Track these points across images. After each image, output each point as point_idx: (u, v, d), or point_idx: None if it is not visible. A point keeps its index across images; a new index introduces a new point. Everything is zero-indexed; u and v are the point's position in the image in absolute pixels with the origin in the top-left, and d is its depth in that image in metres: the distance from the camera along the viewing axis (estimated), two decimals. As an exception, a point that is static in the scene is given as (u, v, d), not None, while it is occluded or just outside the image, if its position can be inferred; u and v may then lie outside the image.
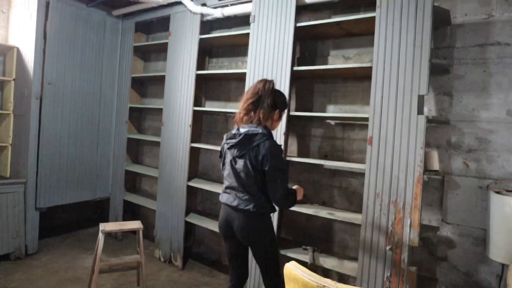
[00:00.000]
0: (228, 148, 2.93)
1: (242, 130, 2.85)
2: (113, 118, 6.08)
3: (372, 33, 3.46)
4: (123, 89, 6.00)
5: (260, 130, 2.82)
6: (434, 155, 3.30)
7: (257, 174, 2.81)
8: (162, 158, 5.27)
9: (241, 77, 4.49)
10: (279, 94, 3.01)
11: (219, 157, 3.14)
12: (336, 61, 4.20)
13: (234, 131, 2.92)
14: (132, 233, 5.90)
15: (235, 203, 2.87)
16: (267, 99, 2.86)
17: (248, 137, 2.80)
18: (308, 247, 3.95)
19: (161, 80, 5.54)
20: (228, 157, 2.93)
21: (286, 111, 3.30)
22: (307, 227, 4.31)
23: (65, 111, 5.37)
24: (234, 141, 2.86)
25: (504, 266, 2.98)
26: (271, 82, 2.93)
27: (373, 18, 3.44)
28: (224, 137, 3.03)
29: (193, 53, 4.91)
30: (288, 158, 4.00)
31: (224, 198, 3.00)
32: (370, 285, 3.24)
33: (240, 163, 2.84)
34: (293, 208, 3.41)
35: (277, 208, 3.05)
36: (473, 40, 3.42)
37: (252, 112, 2.87)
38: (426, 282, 3.41)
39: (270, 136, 2.85)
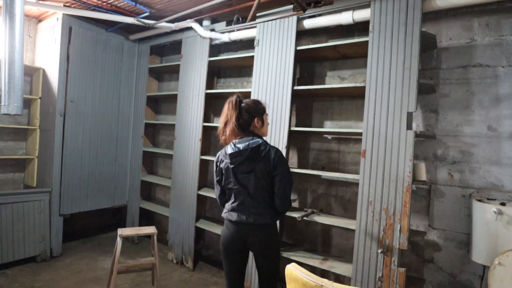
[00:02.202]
0: (235, 167, 2.71)
1: (241, 145, 2.68)
2: (130, 133, 6.13)
3: (365, 56, 3.52)
4: (139, 107, 6.05)
5: (259, 140, 2.71)
6: (422, 166, 3.34)
7: (268, 184, 2.70)
8: (175, 169, 5.31)
9: (247, 96, 4.49)
10: (251, 102, 2.85)
11: (216, 177, 2.89)
12: (333, 81, 4.26)
13: (231, 149, 2.71)
14: (147, 238, 5.96)
15: (251, 219, 2.69)
16: (244, 112, 2.76)
17: (255, 150, 2.65)
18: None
19: (173, 98, 5.61)
20: (234, 175, 2.74)
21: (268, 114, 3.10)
22: (306, 231, 4.34)
23: (86, 126, 5.42)
24: (241, 158, 2.67)
25: (485, 268, 3.02)
26: (235, 96, 2.78)
27: (366, 42, 3.50)
28: (221, 157, 2.83)
29: (203, 74, 4.97)
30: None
31: (234, 216, 2.75)
32: (364, 285, 3.27)
33: (251, 178, 2.69)
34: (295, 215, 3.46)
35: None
36: (457, 62, 3.47)
37: (237, 127, 2.72)
38: (414, 282, 3.42)
39: (267, 143, 2.77)
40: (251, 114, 2.80)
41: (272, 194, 2.76)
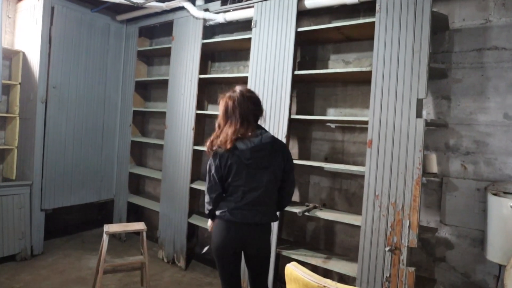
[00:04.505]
0: (251, 163, 2.64)
1: (255, 139, 2.64)
2: (117, 121, 6.08)
3: (372, 38, 3.47)
4: (127, 93, 6.00)
5: (269, 133, 2.72)
6: (433, 157, 3.32)
7: (279, 180, 2.76)
8: (165, 160, 5.28)
9: (243, 81, 4.45)
10: (250, 92, 2.87)
11: (218, 174, 2.74)
12: (336, 65, 4.21)
13: (244, 145, 2.62)
14: (136, 234, 5.89)
15: (257, 219, 2.67)
16: (255, 107, 2.78)
17: (271, 144, 2.67)
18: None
19: (164, 84, 5.55)
20: (246, 172, 2.66)
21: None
22: (308, 228, 4.32)
23: (69, 114, 5.37)
24: (262, 153, 2.63)
25: (501, 267, 2.99)
26: (239, 89, 2.81)
27: (373, 23, 3.45)
28: (228, 153, 2.67)
29: (196, 57, 4.92)
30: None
31: (238, 216, 2.67)
32: (370, 286, 3.25)
33: (265, 174, 2.67)
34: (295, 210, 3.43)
35: None
36: (470, 45, 3.42)
37: (246, 123, 2.70)
38: (425, 282, 3.40)
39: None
40: (261, 106, 2.85)
41: (278, 190, 2.79)
